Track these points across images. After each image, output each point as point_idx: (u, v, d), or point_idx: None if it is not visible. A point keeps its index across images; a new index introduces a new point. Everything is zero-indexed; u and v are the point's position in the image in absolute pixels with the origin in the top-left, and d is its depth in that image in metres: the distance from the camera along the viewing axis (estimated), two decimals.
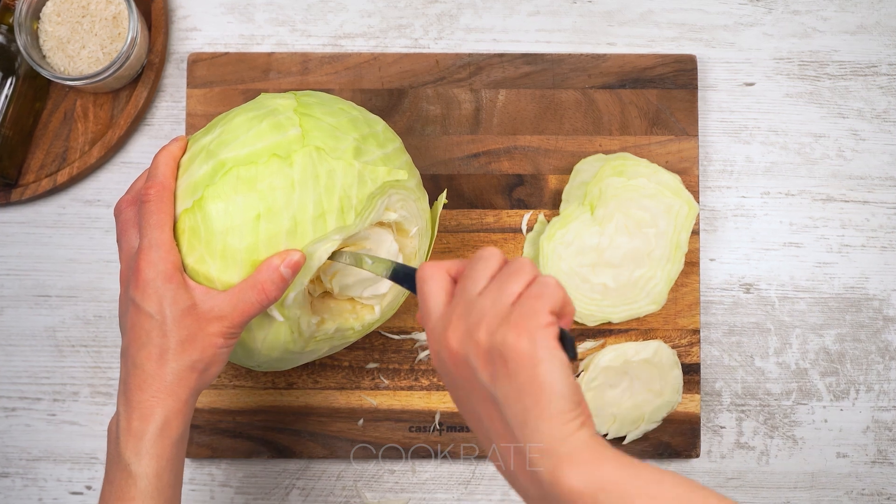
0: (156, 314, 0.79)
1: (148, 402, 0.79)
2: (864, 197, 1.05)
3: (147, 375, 0.79)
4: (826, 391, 1.03)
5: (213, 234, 0.80)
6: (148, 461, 0.78)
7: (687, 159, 1.03)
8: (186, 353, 0.79)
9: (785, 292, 1.04)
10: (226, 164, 0.80)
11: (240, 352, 0.86)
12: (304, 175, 0.80)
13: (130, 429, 0.79)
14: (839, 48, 1.06)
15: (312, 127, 0.82)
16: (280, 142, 0.81)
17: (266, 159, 0.80)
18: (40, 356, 1.03)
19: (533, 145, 1.03)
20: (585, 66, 1.03)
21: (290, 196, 0.80)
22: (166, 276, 0.79)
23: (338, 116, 0.85)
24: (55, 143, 1.04)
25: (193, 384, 0.80)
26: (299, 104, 0.84)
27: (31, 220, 1.04)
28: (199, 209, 0.80)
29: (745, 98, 1.05)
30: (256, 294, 0.79)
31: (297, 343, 0.86)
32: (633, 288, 1.00)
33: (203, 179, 0.81)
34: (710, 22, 1.06)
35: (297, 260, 0.80)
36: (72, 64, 1.01)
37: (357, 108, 0.88)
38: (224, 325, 0.80)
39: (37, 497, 1.03)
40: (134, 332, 0.80)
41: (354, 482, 1.02)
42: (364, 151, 0.83)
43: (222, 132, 0.83)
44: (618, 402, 0.99)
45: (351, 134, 0.84)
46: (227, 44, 1.06)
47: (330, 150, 0.81)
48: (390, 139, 0.88)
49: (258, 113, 0.83)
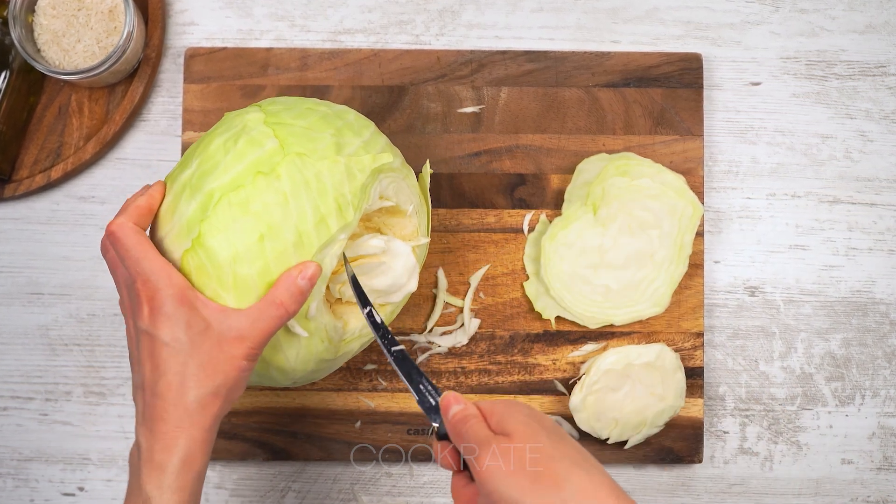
0: (172, 342, 0.77)
1: (171, 434, 0.77)
2: (872, 199, 1.04)
3: (168, 405, 0.77)
4: (831, 396, 1.03)
5: (220, 267, 0.79)
6: (170, 495, 0.76)
7: (692, 159, 1.02)
8: (209, 378, 0.77)
9: (790, 295, 1.03)
10: (213, 194, 0.80)
11: (276, 374, 0.85)
12: (295, 185, 0.80)
13: (153, 461, 0.77)
14: (847, 48, 1.05)
15: (287, 134, 0.82)
16: (260, 157, 0.80)
17: (252, 179, 0.79)
18: (32, 355, 1.03)
19: (535, 144, 1.02)
20: (589, 64, 1.03)
21: (286, 209, 0.79)
22: (176, 300, 0.77)
23: (307, 117, 0.84)
24: (49, 138, 1.03)
25: (217, 410, 0.78)
26: (267, 114, 0.84)
27: (25, 217, 1.04)
28: (200, 246, 0.79)
29: (752, 98, 1.05)
30: (276, 309, 0.78)
31: (330, 350, 0.86)
32: (635, 290, 0.99)
33: (195, 216, 0.80)
34: (717, 20, 1.05)
35: (313, 272, 0.79)
36: (67, 58, 1.00)
37: (323, 102, 0.88)
38: (246, 345, 0.78)
39: (28, 498, 1.02)
40: (150, 362, 0.78)
41: (351, 485, 1.02)
42: (344, 145, 0.83)
43: (200, 162, 0.82)
44: (619, 406, 0.99)
45: (326, 131, 0.83)
46: (224, 38, 1.05)
47: (311, 153, 0.81)
48: (364, 125, 0.87)
49: (230, 134, 0.82)
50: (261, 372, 0.85)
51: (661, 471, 1.02)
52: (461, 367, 1.01)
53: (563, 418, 1.00)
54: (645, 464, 1.02)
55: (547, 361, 1.01)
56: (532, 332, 1.01)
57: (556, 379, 1.01)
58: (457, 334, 1.01)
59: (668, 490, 1.02)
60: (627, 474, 1.02)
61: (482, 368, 1.01)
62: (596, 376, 0.98)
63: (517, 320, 1.01)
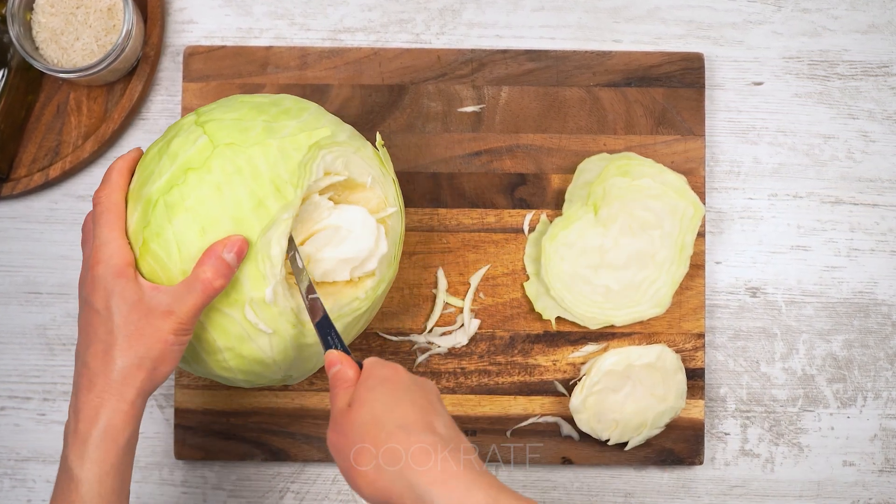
0: (103, 310, 0.79)
1: (93, 403, 0.78)
2: (874, 200, 1.04)
3: (93, 374, 0.79)
4: (833, 398, 1.02)
5: (169, 269, 0.80)
6: (90, 466, 0.77)
7: (693, 160, 1.01)
8: (132, 349, 0.79)
9: (792, 296, 1.03)
10: (151, 198, 0.81)
11: (261, 370, 0.85)
12: (226, 174, 0.80)
13: (77, 431, 0.78)
14: (850, 47, 1.05)
15: (216, 129, 0.82)
16: (191, 155, 0.81)
17: (184, 177, 0.81)
18: (30, 354, 1.03)
19: (536, 144, 1.02)
20: (590, 64, 1.02)
21: (220, 199, 0.80)
22: (116, 271, 0.79)
23: (239, 109, 0.85)
24: (48, 136, 1.03)
25: (140, 383, 0.79)
26: (198, 115, 0.85)
27: (23, 216, 1.04)
28: (148, 253, 0.81)
29: (753, 98, 1.05)
30: (201, 284, 0.79)
31: (306, 333, 0.84)
32: (636, 290, 0.99)
33: (139, 223, 0.81)
34: (719, 19, 1.05)
35: (238, 244, 0.79)
36: (65, 56, 1.00)
37: (261, 95, 0.88)
38: (173, 320, 0.79)
39: (25, 498, 1.02)
40: (84, 330, 0.80)
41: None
42: (277, 129, 0.83)
43: (139, 173, 0.84)
44: (620, 408, 0.98)
45: (257, 119, 0.84)
46: (224, 37, 1.05)
47: (241, 142, 0.82)
48: (303, 108, 0.87)
49: (164, 140, 0.84)
50: (244, 369, 0.85)
51: (661, 472, 1.02)
52: (461, 368, 1.00)
53: (563, 419, 1.00)
54: (645, 465, 1.01)
55: (547, 362, 1.00)
56: (532, 332, 1.01)
57: (556, 380, 1.00)
58: (456, 335, 1.00)
59: (669, 492, 1.02)
60: (628, 476, 1.02)
61: (482, 369, 1.00)
62: (596, 377, 0.98)
63: (517, 321, 1.01)
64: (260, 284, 0.81)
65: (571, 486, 1.02)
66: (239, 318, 0.82)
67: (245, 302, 0.81)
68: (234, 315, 0.82)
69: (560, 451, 1.00)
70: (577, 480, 1.02)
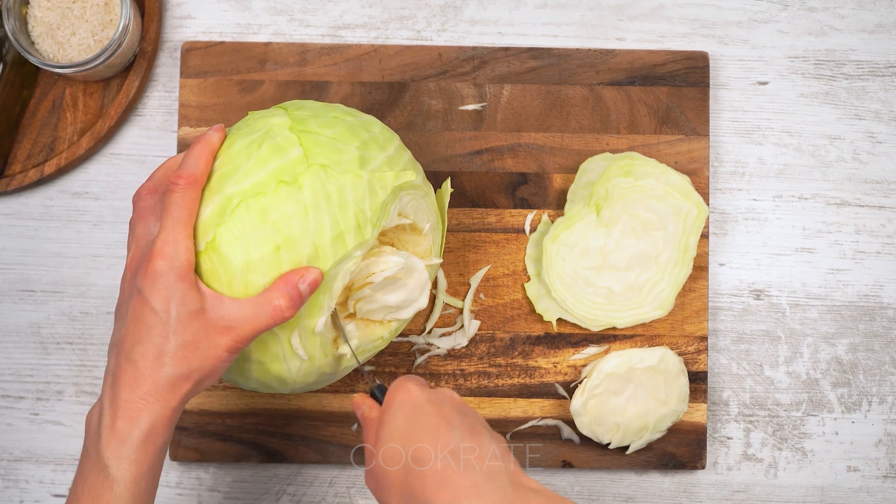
0: (161, 311, 0.77)
1: (137, 404, 0.77)
2: (880, 202, 1.03)
3: (139, 374, 0.77)
4: (837, 402, 1.02)
5: (232, 274, 0.78)
6: (128, 466, 0.76)
7: (697, 160, 1.01)
8: (186, 360, 0.77)
9: (796, 299, 1.02)
10: (233, 198, 0.79)
11: (275, 384, 0.85)
12: (316, 197, 0.79)
13: (115, 429, 0.76)
14: (856, 47, 1.04)
15: (313, 144, 0.81)
16: (283, 166, 0.79)
17: (274, 187, 0.79)
18: (24, 353, 1.02)
19: (538, 143, 1.01)
20: (593, 62, 1.02)
21: (305, 222, 0.78)
22: (180, 273, 0.77)
23: (334, 126, 0.83)
24: (43, 132, 1.02)
25: (185, 393, 0.78)
26: (294, 121, 0.83)
27: (17, 212, 1.03)
28: (214, 250, 0.79)
29: (759, 97, 1.04)
30: (272, 310, 0.78)
31: (332, 365, 0.85)
32: (638, 292, 0.99)
33: (212, 218, 0.79)
34: (724, 18, 1.04)
35: (315, 278, 0.78)
36: (61, 51, 1.00)
37: (350, 111, 0.87)
38: (232, 337, 0.78)
39: (18, 499, 1.01)
40: (134, 324, 0.77)
41: (347, 489, 1.01)
42: (368, 159, 0.82)
43: (221, 163, 0.81)
44: (622, 411, 0.98)
45: (352, 143, 0.82)
46: (222, 32, 1.04)
47: (335, 165, 0.80)
48: (389, 139, 0.86)
49: (254, 137, 0.82)
50: (260, 379, 0.84)
51: (663, 477, 1.01)
52: (460, 370, 1.00)
53: (563, 422, 0.99)
54: (647, 469, 1.01)
55: (548, 364, 1.00)
56: (533, 334, 1.00)
57: (556, 382, 1.00)
58: (456, 336, 1.00)
59: (671, 496, 1.01)
60: (629, 480, 1.01)
61: (482, 371, 1.00)
62: (598, 380, 0.98)
63: (518, 322, 1.00)
64: (315, 314, 0.81)
65: (572, 490, 1.01)
66: (283, 340, 0.81)
67: (296, 328, 0.81)
68: (281, 336, 0.81)
69: (560, 455, 0.99)
70: (578, 484, 1.01)
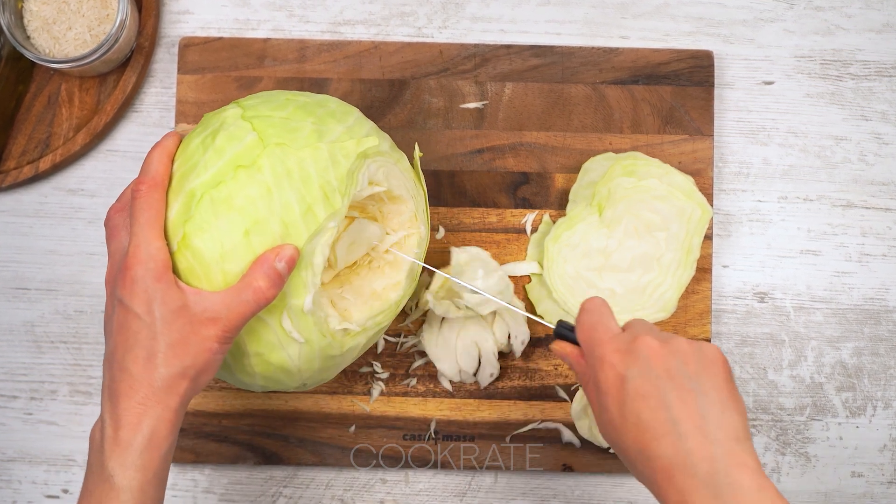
0: (144, 315, 0.76)
1: (135, 410, 0.76)
2: (887, 204, 1.03)
3: (134, 381, 0.76)
4: (842, 407, 1.01)
5: (208, 267, 0.78)
6: (133, 474, 0.75)
7: (701, 160, 1.00)
8: (178, 357, 0.76)
9: (801, 302, 1.02)
10: (195, 193, 0.79)
11: (282, 377, 0.84)
12: (276, 175, 0.79)
13: (117, 438, 0.76)
14: (863, 47, 1.04)
15: (265, 126, 0.81)
16: (240, 152, 0.80)
17: (233, 174, 0.79)
18: (17, 352, 1.01)
19: (539, 142, 1.00)
20: (597, 60, 1.01)
21: (270, 201, 0.79)
22: (156, 274, 0.77)
23: (286, 108, 0.84)
24: (38, 128, 1.02)
25: (183, 392, 0.77)
26: (244, 108, 0.83)
27: (11, 209, 1.02)
28: (187, 248, 0.78)
29: (764, 97, 1.03)
30: (252, 293, 0.77)
31: (335, 346, 0.84)
32: (641, 294, 0.98)
33: (179, 217, 0.79)
34: (729, 16, 1.04)
35: (291, 254, 0.78)
36: (57, 46, 0.99)
37: (303, 94, 0.87)
38: (219, 328, 0.77)
39: (10, 500, 1.01)
40: (121, 334, 0.77)
41: (345, 491, 1.01)
42: (325, 132, 0.82)
43: (180, 164, 0.82)
44: None
45: (306, 120, 0.83)
46: (220, 28, 1.04)
47: (291, 142, 0.80)
48: (347, 111, 0.86)
49: (208, 132, 0.82)
50: (264, 373, 0.83)
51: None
52: None
53: (564, 425, 0.98)
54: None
55: (548, 367, 0.99)
56: (534, 335, 0.99)
57: (557, 385, 0.99)
58: None
59: None
60: (630, 484, 1.00)
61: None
62: None
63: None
64: (300, 292, 0.80)
65: (572, 494, 1.00)
66: (274, 325, 0.81)
67: (284, 309, 0.80)
68: (270, 322, 0.80)
69: (561, 458, 0.98)
70: (578, 488, 1.00)
